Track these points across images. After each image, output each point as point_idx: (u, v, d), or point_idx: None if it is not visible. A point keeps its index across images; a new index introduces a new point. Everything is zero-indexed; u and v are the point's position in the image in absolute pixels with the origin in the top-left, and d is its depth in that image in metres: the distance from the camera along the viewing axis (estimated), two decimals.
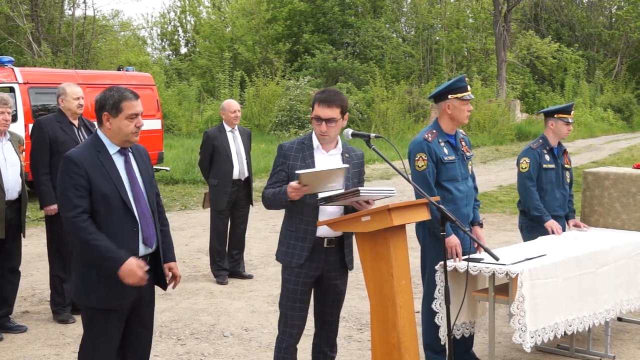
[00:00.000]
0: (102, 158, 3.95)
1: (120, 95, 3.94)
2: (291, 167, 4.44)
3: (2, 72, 14.31)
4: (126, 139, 3.99)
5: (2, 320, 6.55)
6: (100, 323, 4.00)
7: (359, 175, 4.66)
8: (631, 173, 6.55)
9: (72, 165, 3.86)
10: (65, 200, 3.88)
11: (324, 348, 4.75)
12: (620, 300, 5.89)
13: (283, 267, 4.58)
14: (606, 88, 42.36)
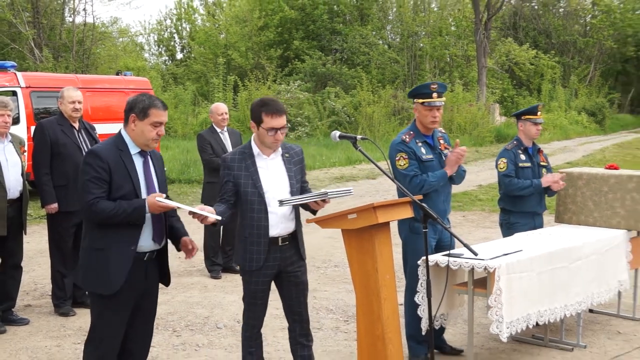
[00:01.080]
0: (124, 157, 4.02)
1: (150, 102, 4.02)
2: (236, 177, 4.48)
3: (5, 77, 14.27)
4: (146, 143, 4.06)
5: (5, 313, 6.55)
6: (108, 311, 4.05)
7: (301, 170, 4.72)
8: (603, 173, 6.60)
9: (97, 159, 3.94)
10: (86, 190, 3.93)
11: (299, 339, 4.76)
12: (592, 293, 5.94)
13: (242, 270, 4.64)
14: (580, 93, 42.54)
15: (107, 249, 3.98)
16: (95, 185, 3.91)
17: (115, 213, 3.89)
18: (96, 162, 3.93)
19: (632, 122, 44.81)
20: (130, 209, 3.91)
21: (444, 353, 5.70)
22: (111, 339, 4.08)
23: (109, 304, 4.02)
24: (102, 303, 4.05)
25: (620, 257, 6.30)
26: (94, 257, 4.04)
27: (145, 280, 4.11)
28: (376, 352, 4.26)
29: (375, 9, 38.06)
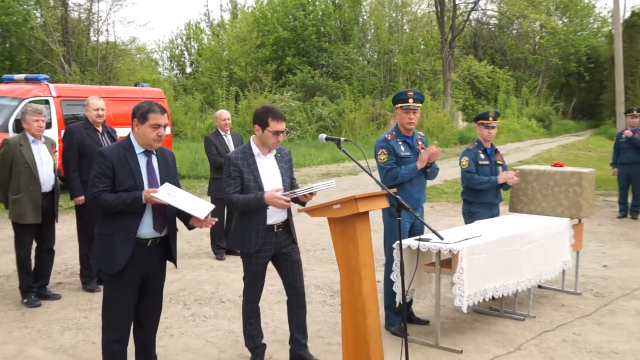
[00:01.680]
0: (129, 156, 4.03)
1: (149, 108, 4.03)
2: (240, 172, 4.51)
3: (39, 88, 14.21)
4: (148, 143, 4.05)
5: (40, 290, 6.53)
6: (116, 287, 4.09)
7: (290, 169, 4.78)
8: (550, 170, 6.64)
9: (102, 158, 3.99)
10: (91, 184, 3.99)
11: (297, 310, 4.80)
12: (540, 272, 5.98)
13: (242, 253, 4.66)
14: (530, 102, 42.70)
15: (112, 234, 4.02)
16: (99, 180, 3.96)
17: (116, 204, 3.93)
18: (101, 160, 3.99)
19: (574, 126, 45.01)
20: (129, 199, 3.94)
21: (412, 323, 5.73)
22: (118, 310, 4.13)
23: (115, 281, 4.07)
24: (109, 280, 4.13)
25: (564, 241, 6.35)
26: (102, 241, 4.08)
27: (148, 263, 4.11)
28: (357, 322, 4.27)
29: (356, 30, 38.02)
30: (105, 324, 4.20)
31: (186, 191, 4.16)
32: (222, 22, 42.60)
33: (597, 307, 6.37)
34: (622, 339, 5.48)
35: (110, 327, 4.17)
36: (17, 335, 5.53)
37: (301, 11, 36.47)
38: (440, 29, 33.65)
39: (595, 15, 51.01)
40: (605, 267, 8.01)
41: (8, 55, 26.05)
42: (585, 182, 6.41)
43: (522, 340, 5.42)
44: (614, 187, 12.87)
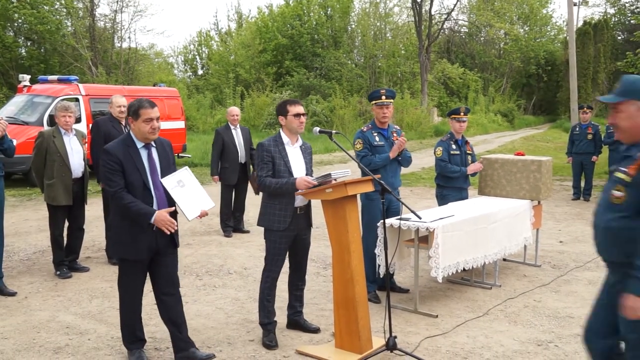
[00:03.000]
0: (131, 151, 3.89)
1: (139, 104, 3.89)
2: (272, 158, 4.41)
3: (70, 87, 14.13)
4: (145, 136, 3.90)
5: (71, 263, 6.50)
6: (127, 269, 4.02)
7: (311, 160, 4.69)
8: (513, 159, 6.62)
9: (109, 155, 3.84)
10: (107, 180, 3.84)
11: (297, 282, 4.75)
12: (505, 246, 5.97)
13: (268, 231, 4.49)
14: (496, 100, 42.65)
15: (128, 225, 3.88)
16: (114, 176, 3.82)
17: (130, 207, 3.79)
18: (109, 157, 3.84)
19: (534, 121, 44.99)
20: (142, 211, 3.79)
21: (394, 291, 5.71)
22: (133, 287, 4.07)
23: (129, 264, 3.99)
24: (123, 264, 4.05)
25: (525, 220, 6.33)
26: (119, 231, 3.94)
27: (156, 245, 3.95)
28: (346, 291, 4.25)
29: (345, 37, 37.77)
30: (122, 298, 4.14)
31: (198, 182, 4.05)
32: (229, 30, 42.23)
33: (554, 277, 6.37)
34: (576, 305, 5.48)
35: (126, 300, 4.11)
36: (51, 302, 5.49)
37: (298, 21, 36.20)
38: (418, 36, 33.49)
39: (552, 24, 50.89)
40: (562, 243, 8.01)
41: (43, 59, 25.84)
42: (544, 169, 6.39)
43: (490, 306, 5.42)
44: (569, 174, 12.90)
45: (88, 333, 4.73)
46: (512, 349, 4.44)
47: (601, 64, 41.03)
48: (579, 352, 4.39)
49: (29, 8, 24.04)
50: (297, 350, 4.39)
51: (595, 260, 7.03)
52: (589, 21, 42.47)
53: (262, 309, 4.57)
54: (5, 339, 4.59)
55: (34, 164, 6.33)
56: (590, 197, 11.57)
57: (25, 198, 11.38)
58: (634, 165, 2.75)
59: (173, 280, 4.18)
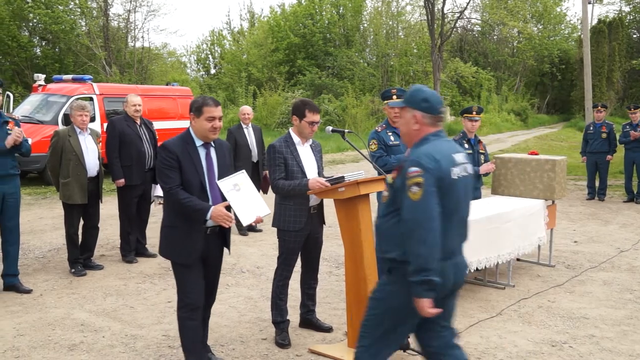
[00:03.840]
0: (190, 149, 3.70)
1: (203, 101, 3.70)
2: (284, 160, 4.40)
3: (84, 86, 14.23)
4: (205, 135, 3.71)
5: (86, 261, 6.54)
6: (179, 273, 3.79)
7: (321, 159, 4.68)
8: (526, 158, 6.58)
9: (167, 151, 3.65)
10: (164, 176, 3.65)
11: (309, 280, 4.75)
12: (518, 246, 5.93)
13: (282, 231, 4.47)
14: (510, 98, 42.36)
15: (182, 226, 3.70)
16: (171, 172, 3.63)
17: (185, 204, 3.61)
18: (167, 154, 3.64)
19: (547, 120, 44.65)
20: (198, 207, 3.61)
21: None
22: (192, 288, 3.79)
23: (183, 267, 3.77)
24: (178, 267, 3.79)
25: (539, 220, 6.29)
26: (171, 233, 3.75)
27: (208, 250, 3.79)
28: (359, 290, 4.24)
29: (357, 36, 37.74)
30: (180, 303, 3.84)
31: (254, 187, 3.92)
32: (242, 29, 42.30)
33: (568, 277, 6.32)
34: (591, 305, 5.44)
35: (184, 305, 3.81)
36: (65, 300, 5.54)
37: (310, 20, 36.20)
38: (431, 35, 33.36)
39: (566, 23, 50.46)
40: (576, 243, 7.95)
41: (57, 59, 26.05)
42: (558, 168, 6.35)
43: (503, 306, 5.39)
44: (583, 173, 12.78)
45: (102, 330, 4.77)
46: (525, 350, 4.42)
47: (616, 63, 40.61)
48: (593, 353, 4.36)
49: (44, 8, 24.25)
50: (309, 349, 4.40)
51: (610, 261, 6.97)
52: (604, 19, 42.07)
53: (275, 308, 4.58)
54: (21, 336, 4.64)
55: (50, 163, 6.37)
56: (605, 196, 11.47)
57: (40, 196, 11.48)
58: (396, 170, 3.03)
59: (213, 288, 4.05)
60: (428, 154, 2.95)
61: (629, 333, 4.76)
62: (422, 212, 2.84)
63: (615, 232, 8.64)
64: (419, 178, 2.86)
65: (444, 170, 2.94)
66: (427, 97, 3.08)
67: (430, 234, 2.83)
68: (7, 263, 5.77)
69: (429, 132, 3.09)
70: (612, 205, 10.97)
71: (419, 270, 2.84)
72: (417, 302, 2.90)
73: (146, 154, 6.85)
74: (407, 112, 3.12)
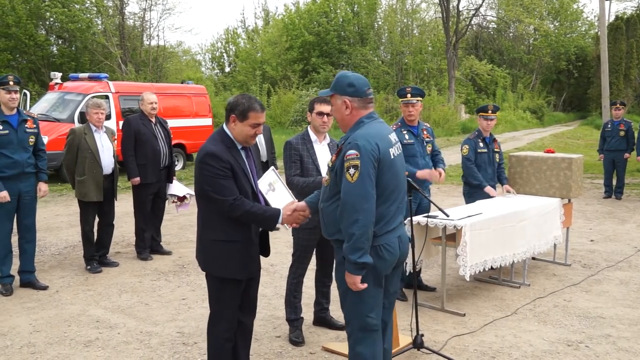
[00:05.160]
0: (234, 154, 3.31)
1: (249, 105, 3.29)
2: (300, 156, 4.41)
3: (100, 85, 14.34)
4: (245, 140, 3.35)
5: (101, 258, 6.60)
6: (229, 291, 3.40)
7: None
8: (542, 156, 6.51)
9: (220, 160, 3.23)
10: (222, 189, 3.22)
11: (323, 279, 4.75)
12: (534, 245, 5.88)
13: (297, 229, 4.42)
14: (525, 96, 42.00)
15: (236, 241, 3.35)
16: (228, 183, 3.24)
17: (254, 214, 3.28)
18: (219, 163, 3.23)
19: (564, 118, 44.21)
20: (266, 215, 3.32)
21: (421, 289, 5.67)
22: (232, 313, 3.47)
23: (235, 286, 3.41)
24: (222, 282, 3.40)
25: (555, 218, 6.23)
26: (231, 247, 3.34)
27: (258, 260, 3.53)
28: None
29: (372, 34, 37.68)
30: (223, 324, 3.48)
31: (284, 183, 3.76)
32: (256, 28, 42.41)
33: (585, 276, 6.25)
34: (607, 305, 5.37)
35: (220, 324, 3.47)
36: (81, 296, 5.58)
37: (324, 18, 36.19)
38: (446, 32, 33.21)
39: (583, 20, 49.91)
40: (592, 242, 7.86)
41: (73, 57, 26.27)
42: (575, 167, 6.28)
43: (518, 305, 5.34)
44: (600, 171, 12.65)
45: (118, 327, 4.80)
46: (541, 349, 4.38)
47: (634, 60, 40.08)
48: (610, 353, 4.31)
49: (60, 7, 24.47)
50: (323, 347, 4.40)
51: (627, 260, 6.89)
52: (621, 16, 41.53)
53: (289, 306, 4.58)
54: (37, 332, 4.69)
55: (65, 161, 6.42)
56: (622, 195, 11.33)
57: (56, 194, 11.60)
58: (335, 154, 3.13)
59: (254, 306, 3.71)
60: (365, 136, 3.03)
61: None
62: (357, 194, 2.95)
63: (633, 231, 8.53)
64: (356, 160, 2.96)
65: (382, 151, 3.04)
66: (351, 81, 3.16)
67: (363, 214, 2.94)
68: (23, 260, 5.83)
69: (362, 115, 3.17)
70: (629, 204, 10.84)
71: (352, 249, 2.97)
72: (348, 277, 3.05)
73: (161, 152, 6.88)
74: (337, 100, 3.19)
